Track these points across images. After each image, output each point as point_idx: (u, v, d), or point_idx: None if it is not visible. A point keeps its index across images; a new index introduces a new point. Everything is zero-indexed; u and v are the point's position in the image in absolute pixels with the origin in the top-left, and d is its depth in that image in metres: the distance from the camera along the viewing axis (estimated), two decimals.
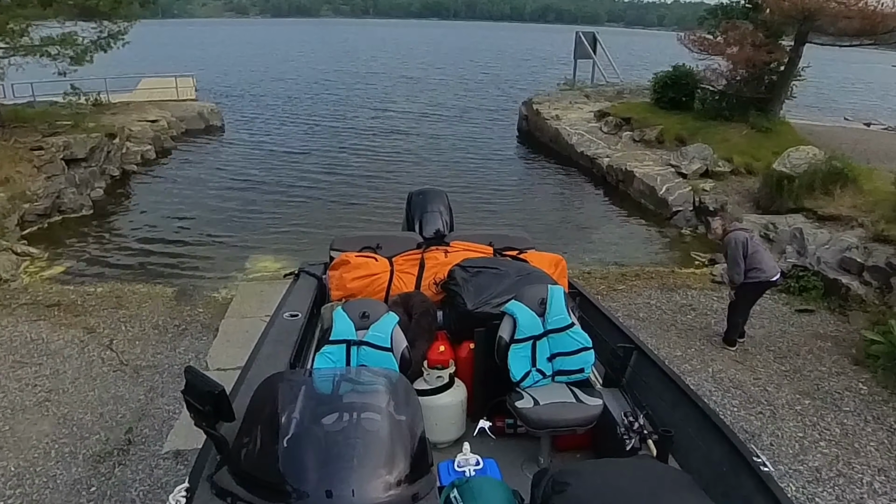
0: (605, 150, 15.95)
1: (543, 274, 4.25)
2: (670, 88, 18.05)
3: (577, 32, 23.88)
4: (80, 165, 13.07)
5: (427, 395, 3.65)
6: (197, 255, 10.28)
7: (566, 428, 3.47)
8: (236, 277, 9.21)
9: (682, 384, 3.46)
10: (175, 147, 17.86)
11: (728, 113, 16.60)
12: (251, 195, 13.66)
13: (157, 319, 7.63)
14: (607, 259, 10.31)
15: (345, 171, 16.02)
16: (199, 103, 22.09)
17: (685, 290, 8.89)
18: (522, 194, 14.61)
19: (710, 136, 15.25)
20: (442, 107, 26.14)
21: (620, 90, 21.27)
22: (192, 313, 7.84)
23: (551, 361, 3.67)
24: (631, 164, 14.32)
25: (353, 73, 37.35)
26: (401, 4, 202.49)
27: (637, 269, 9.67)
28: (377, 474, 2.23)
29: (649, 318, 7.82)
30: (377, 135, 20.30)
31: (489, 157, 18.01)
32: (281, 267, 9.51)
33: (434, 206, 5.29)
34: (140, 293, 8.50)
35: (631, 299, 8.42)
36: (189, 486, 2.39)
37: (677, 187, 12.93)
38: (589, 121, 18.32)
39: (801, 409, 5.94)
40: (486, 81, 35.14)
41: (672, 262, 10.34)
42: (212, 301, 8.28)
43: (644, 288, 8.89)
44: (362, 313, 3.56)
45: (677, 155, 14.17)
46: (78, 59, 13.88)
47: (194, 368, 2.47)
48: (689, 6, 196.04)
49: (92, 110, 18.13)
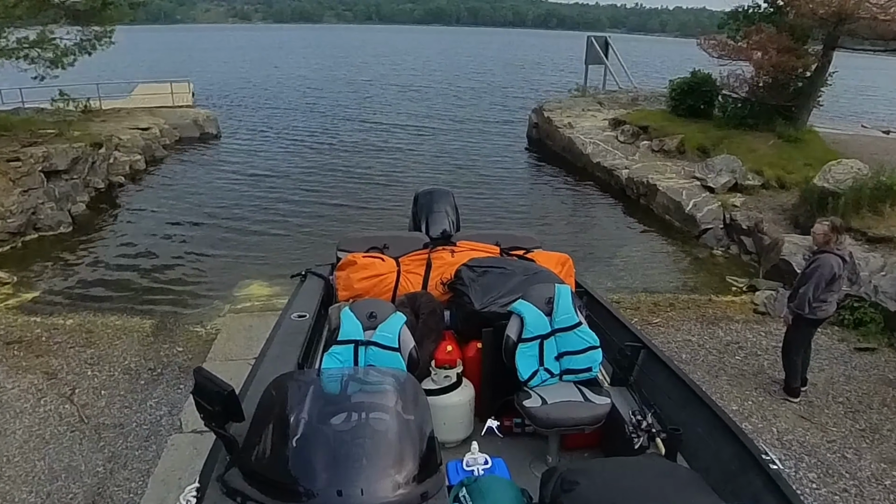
0: (622, 161, 14.97)
1: (550, 273, 4.21)
2: (688, 95, 17.20)
3: (589, 37, 22.90)
4: (61, 178, 12.11)
5: (435, 394, 3.61)
6: (181, 279, 9.30)
7: (574, 427, 3.44)
8: (223, 308, 8.22)
9: (690, 382, 3.43)
10: (167, 156, 16.91)
11: (752, 121, 15.68)
12: (245, 209, 12.70)
13: (129, 361, 6.66)
14: (635, 284, 9.32)
15: (347, 182, 15.07)
16: (195, 110, 21.21)
17: (727, 324, 7.91)
18: (535, 208, 13.61)
19: (736, 146, 14.31)
20: (446, 114, 25.17)
21: (635, 97, 20.33)
22: (170, 353, 6.87)
23: (559, 360, 3.66)
24: (653, 177, 13.34)
25: (357, 80, 36.40)
26: (404, 11, 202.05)
27: (670, 298, 8.70)
28: (386, 473, 2.21)
29: (694, 361, 6.82)
30: (379, 144, 19.34)
31: (497, 168, 17.05)
32: (272, 294, 8.58)
33: (440, 206, 5.23)
34: (114, 327, 7.54)
35: (669, 335, 7.43)
36: (199, 485, 2.35)
37: (705, 202, 11.94)
38: (604, 129, 17.36)
39: (892, 483, 4.94)
40: (491, 87, 34.23)
41: (707, 288, 9.33)
42: (193, 337, 7.31)
43: (681, 321, 7.91)
44: (370, 313, 3.56)
45: (702, 167, 13.18)
46: (56, 61, 12.92)
47: (204, 369, 2.42)
48: (692, 12, 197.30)
49: (80, 117, 17.26)
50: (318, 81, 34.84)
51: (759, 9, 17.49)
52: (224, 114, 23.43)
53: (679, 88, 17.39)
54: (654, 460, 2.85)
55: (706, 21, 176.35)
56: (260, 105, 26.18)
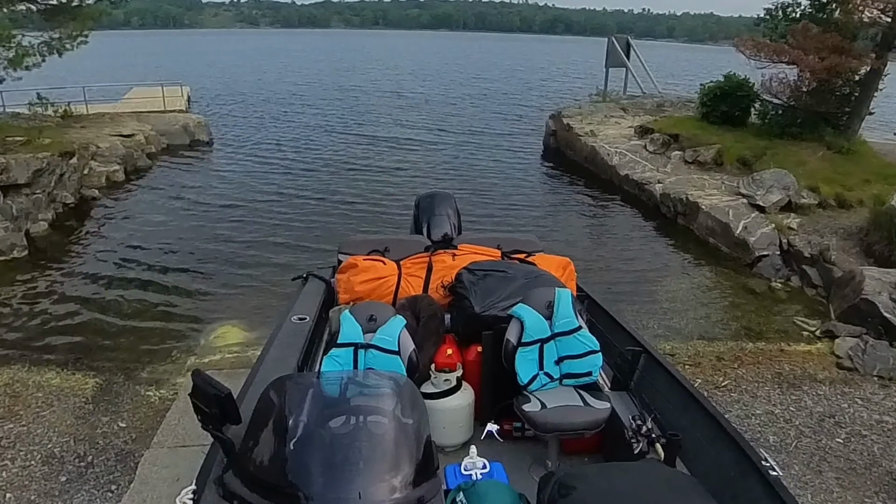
0: (654, 174, 13.43)
1: (551, 277, 4.17)
2: (722, 101, 15.69)
3: (610, 38, 21.39)
4: (21, 193, 10.63)
5: (434, 398, 3.58)
6: (142, 321, 7.75)
7: (574, 431, 3.36)
8: (186, 360, 6.69)
9: (690, 388, 3.36)
10: (151, 166, 15.41)
11: (796, 130, 14.15)
12: (232, 229, 11.19)
13: (54, 443, 5.15)
14: (688, 329, 7.76)
15: (348, 190, 13.68)
16: (186, 115, 19.75)
17: (811, 386, 6.34)
18: (556, 227, 12.03)
19: (781, 158, 12.79)
20: (454, 119, 23.64)
21: (660, 102, 18.82)
22: (109, 430, 5.35)
23: (559, 364, 3.61)
24: (692, 193, 11.78)
25: (363, 85, 34.98)
26: (411, 16, 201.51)
27: (734, 348, 7.12)
28: (383, 477, 2.20)
29: (784, 446, 5.26)
30: (384, 152, 17.84)
31: (511, 179, 15.50)
32: (249, 342, 7.08)
33: (442, 209, 5.16)
34: (48, 388, 6.03)
35: (746, 405, 5.88)
36: (196, 487, 2.33)
37: (757, 224, 10.38)
38: (629, 137, 15.84)
39: None
40: (501, 93, 32.71)
41: (774, 333, 7.76)
42: (143, 404, 5.79)
43: (755, 382, 6.35)
44: (370, 316, 3.54)
45: (748, 182, 11.62)
46: (16, 61, 11.41)
47: (201, 371, 2.39)
48: (700, 17, 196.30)
49: (59, 123, 15.92)
50: (323, 87, 33.41)
51: (800, 6, 16.06)
52: (220, 120, 22.08)
53: (711, 93, 15.93)
54: (654, 466, 2.87)
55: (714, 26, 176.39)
56: (259, 111, 24.70)
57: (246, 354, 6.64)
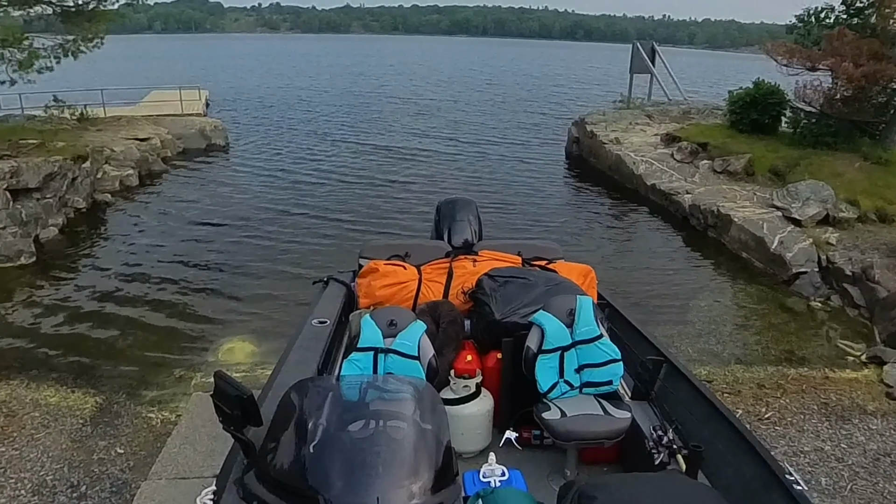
0: (682, 184, 12.92)
1: (572, 284, 4.11)
2: (752, 108, 15.11)
3: (635, 43, 20.84)
4: (31, 197, 10.44)
5: (453, 404, 3.54)
6: (148, 333, 7.42)
7: (593, 440, 3.32)
8: (191, 379, 6.34)
9: (712, 398, 3.30)
10: (166, 170, 15.20)
11: (830, 140, 13.57)
12: (247, 235, 10.93)
13: (46, 470, 4.83)
14: (725, 352, 7.26)
15: (364, 200, 13.26)
16: (202, 119, 19.60)
17: (861, 419, 5.86)
18: (578, 237, 11.55)
19: (816, 169, 12.22)
20: (473, 125, 23.29)
21: (686, 110, 18.26)
22: (106, 456, 5.03)
23: (579, 373, 3.55)
24: (723, 205, 11.26)
25: (382, 91, 34.76)
26: (430, 21, 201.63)
27: (775, 374, 6.65)
28: (402, 483, 2.17)
29: (837, 490, 4.78)
30: (403, 159, 17.48)
31: (533, 187, 15.09)
32: (258, 360, 6.73)
33: (463, 214, 5.10)
34: (45, 407, 5.75)
35: (794, 440, 5.41)
36: (216, 488, 2.36)
37: (794, 239, 9.85)
38: (655, 146, 15.33)
39: None
40: (521, 99, 32.33)
41: (816, 357, 7.25)
42: (143, 427, 5.46)
43: (800, 413, 5.88)
44: (390, 321, 3.53)
45: (783, 194, 11.08)
46: (26, 63, 11.19)
47: (223, 373, 2.34)
48: (720, 24, 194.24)
49: (75, 126, 15.76)
50: (341, 92, 33.20)
51: (834, 12, 15.52)
52: (237, 124, 21.92)
53: (740, 101, 15.35)
54: (675, 477, 2.79)
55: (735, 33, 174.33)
56: (277, 115, 24.59)
57: (254, 374, 6.30)
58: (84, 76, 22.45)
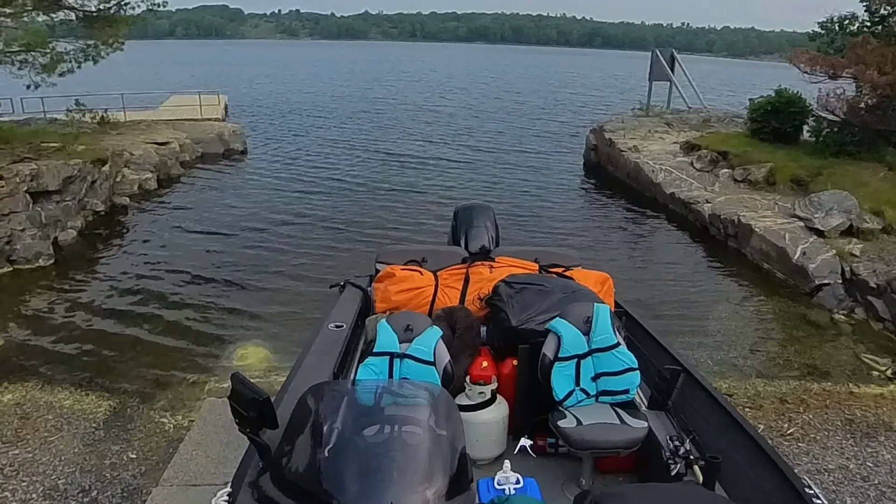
0: (702, 193, 12.76)
1: (589, 292, 4.05)
2: (773, 117, 14.91)
3: (654, 50, 20.71)
4: (51, 199, 10.52)
5: (468, 410, 3.49)
6: (163, 337, 7.41)
7: (609, 449, 3.29)
8: (205, 384, 6.31)
9: (730, 409, 3.24)
10: (184, 175, 15.31)
11: (854, 149, 13.34)
12: (264, 239, 10.98)
13: (58, 473, 4.81)
14: (746, 365, 7.10)
15: (381, 208, 13.24)
16: (221, 124, 19.76)
17: (888, 436, 5.67)
18: (596, 246, 11.44)
19: (839, 178, 11.99)
20: (491, 132, 23.23)
21: (706, 118, 18.09)
22: (118, 461, 5.00)
23: (595, 381, 3.52)
24: (744, 214, 11.09)
25: (399, 98, 34.85)
26: (448, 28, 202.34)
27: (797, 389, 6.48)
28: (416, 488, 2.17)
29: None
30: (420, 165, 17.50)
31: (550, 195, 15.01)
32: (272, 365, 6.71)
33: (480, 220, 5.06)
34: (59, 409, 5.74)
35: (816, 457, 5.25)
36: (231, 490, 2.36)
37: (816, 250, 9.65)
38: (675, 154, 15.18)
39: None
40: (538, 106, 32.24)
41: (840, 371, 7.07)
42: (155, 432, 5.43)
43: (824, 430, 5.71)
44: (406, 326, 3.54)
45: (805, 204, 10.88)
46: (50, 67, 11.33)
47: (240, 375, 2.38)
48: (740, 32, 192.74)
49: (95, 129, 15.93)
50: (360, 99, 33.32)
51: (857, 19, 15.30)
52: (255, 129, 22.06)
53: (761, 109, 15.16)
54: (692, 489, 2.75)
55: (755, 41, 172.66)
56: (295, 121, 24.81)
57: (268, 380, 6.26)
58: (106, 81, 22.77)
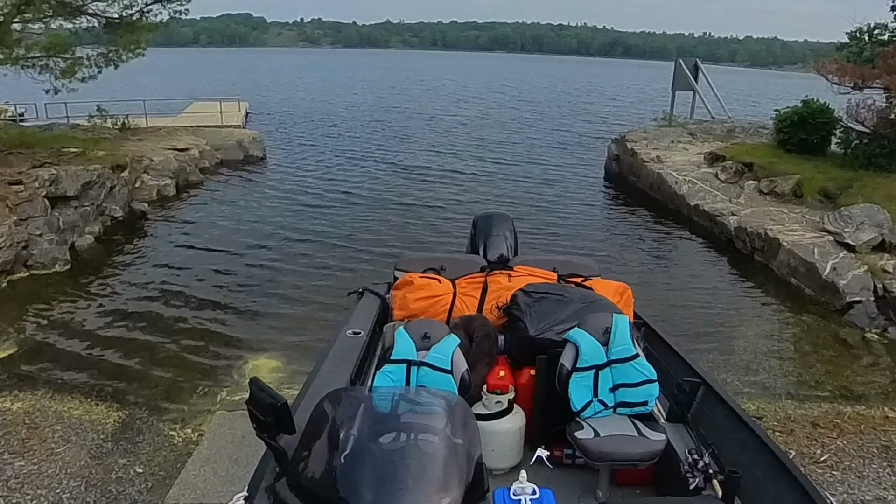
0: (727, 205, 12.46)
1: (608, 302, 4.05)
2: (800, 128, 14.56)
3: (678, 60, 20.43)
4: (69, 205, 10.53)
5: (485, 419, 3.47)
6: (176, 346, 7.29)
7: (627, 462, 3.24)
8: (217, 394, 6.19)
9: (751, 423, 3.20)
10: (203, 181, 15.31)
11: (884, 161, 12.97)
12: (282, 247, 10.88)
13: (63, 487, 4.69)
14: (776, 385, 6.81)
15: (399, 218, 13.05)
16: (241, 130, 19.81)
17: None
18: (617, 257, 11.15)
19: (870, 191, 11.65)
20: (511, 142, 23.05)
21: (731, 128, 17.75)
22: (125, 475, 4.87)
23: (614, 392, 3.48)
24: (771, 228, 10.78)
25: (421, 106, 34.83)
26: (468, 37, 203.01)
27: (830, 412, 6.19)
28: (432, 497, 2.16)
29: None
30: (440, 173, 17.34)
31: (570, 205, 14.73)
32: (284, 376, 6.55)
33: (499, 229, 5.11)
34: (68, 419, 5.64)
35: (851, 487, 4.97)
36: (247, 494, 2.39)
37: (847, 265, 9.33)
38: (699, 165, 14.88)
39: None
40: (558, 116, 32.00)
41: (874, 393, 6.76)
42: (165, 445, 5.30)
43: (859, 457, 5.42)
44: (424, 334, 3.55)
45: (835, 217, 10.55)
46: (69, 71, 11.37)
47: (259, 380, 2.40)
48: (763, 42, 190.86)
49: (116, 135, 16.04)
50: (380, 109, 33.20)
51: (887, 28, 14.96)
52: (275, 136, 22.06)
53: (788, 119, 14.82)
54: (711, 503, 2.79)
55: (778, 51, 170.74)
56: (316, 129, 24.77)
57: (280, 393, 6.09)
58: (129, 87, 23.00)
